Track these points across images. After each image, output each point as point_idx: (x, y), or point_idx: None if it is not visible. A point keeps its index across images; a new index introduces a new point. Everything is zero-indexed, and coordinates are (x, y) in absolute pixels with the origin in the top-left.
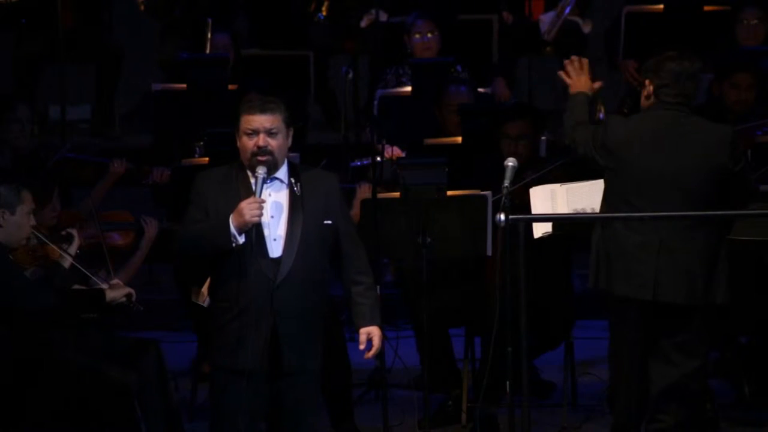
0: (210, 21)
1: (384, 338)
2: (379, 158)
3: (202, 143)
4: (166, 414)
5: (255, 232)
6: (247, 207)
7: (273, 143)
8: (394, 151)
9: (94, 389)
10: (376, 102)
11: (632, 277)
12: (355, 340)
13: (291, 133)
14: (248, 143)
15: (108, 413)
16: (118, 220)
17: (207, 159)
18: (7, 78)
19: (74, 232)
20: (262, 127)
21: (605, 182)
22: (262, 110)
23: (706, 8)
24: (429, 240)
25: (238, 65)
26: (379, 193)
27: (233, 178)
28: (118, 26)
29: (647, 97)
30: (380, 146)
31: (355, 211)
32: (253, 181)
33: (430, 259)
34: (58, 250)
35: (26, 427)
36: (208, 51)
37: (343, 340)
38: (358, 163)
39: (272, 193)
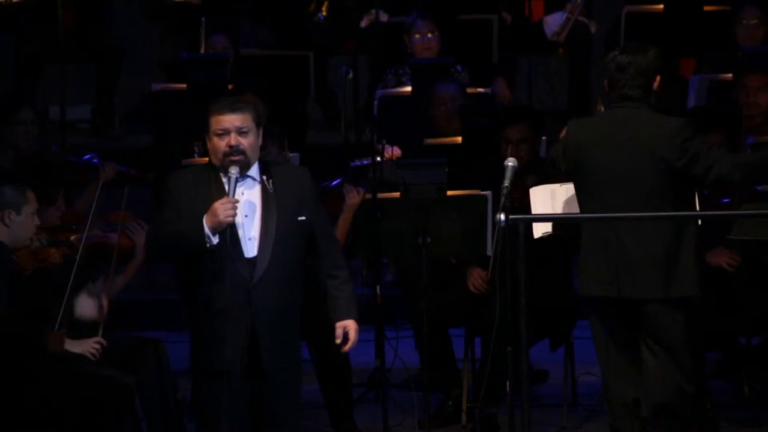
0: (204, 20)
1: (384, 338)
2: (379, 158)
3: (202, 143)
4: (166, 414)
5: (229, 232)
6: (220, 207)
7: (244, 142)
8: (394, 151)
9: (94, 389)
10: (376, 102)
11: (596, 276)
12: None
13: (261, 132)
14: (219, 143)
15: (108, 413)
16: (119, 222)
17: (207, 159)
18: (8, 78)
19: (77, 241)
20: (233, 126)
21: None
22: (232, 110)
23: (706, 8)
24: (429, 240)
25: (238, 65)
26: (379, 193)
27: (205, 178)
28: (118, 26)
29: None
30: (380, 146)
31: (346, 216)
32: (225, 180)
33: (430, 259)
34: (59, 253)
35: (26, 427)
36: (202, 51)
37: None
38: (358, 163)
39: (245, 192)
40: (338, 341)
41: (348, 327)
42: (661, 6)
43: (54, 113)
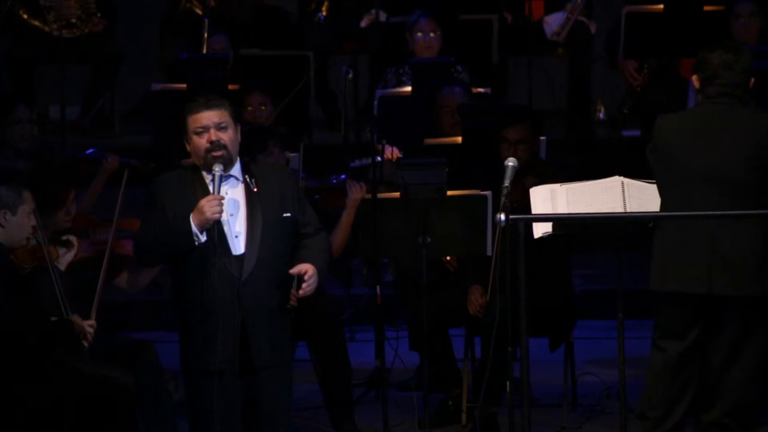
0: (207, 21)
1: (384, 338)
2: (379, 158)
3: None
4: (161, 415)
5: (216, 230)
6: (207, 204)
7: (224, 137)
8: (394, 151)
9: (94, 389)
10: (376, 102)
11: (681, 272)
12: (356, 339)
13: (239, 129)
14: (200, 141)
15: (108, 413)
16: (131, 229)
17: None
18: (6, 79)
19: (74, 240)
20: (211, 123)
21: (657, 183)
22: (208, 107)
23: (706, 8)
24: (429, 240)
25: (238, 65)
26: (379, 193)
27: (188, 179)
28: (118, 26)
29: (697, 92)
30: (380, 146)
31: (349, 211)
32: (209, 179)
33: (430, 259)
34: (56, 252)
35: (27, 427)
36: (204, 51)
37: (343, 340)
38: (358, 163)
39: (229, 191)
40: (292, 271)
41: (305, 268)
42: (661, 6)
43: (54, 113)
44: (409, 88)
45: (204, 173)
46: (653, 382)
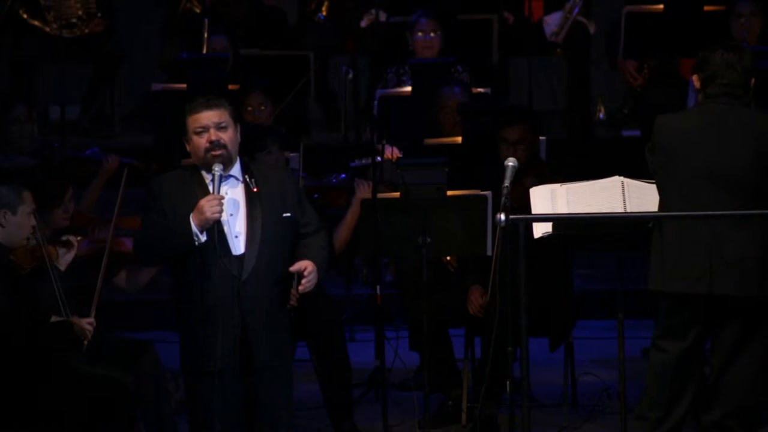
0: (207, 21)
1: (384, 338)
2: (379, 158)
3: None
4: (161, 415)
5: (216, 230)
6: (207, 204)
7: (224, 136)
8: (394, 151)
9: (94, 389)
10: (376, 102)
11: (681, 272)
12: (356, 339)
13: (239, 129)
14: (200, 141)
15: (108, 413)
16: (131, 227)
17: None
18: (6, 79)
19: (74, 240)
20: (211, 122)
21: (657, 183)
22: (208, 107)
23: (706, 8)
24: (429, 240)
25: (238, 65)
26: (379, 193)
27: (188, 179)
28: (118, 26)
29: (698, 92)
30: (380, 146)
31: (355, 208)
32: (209, 179)
33: (430, 259)
34: (56, 252)
35: (26, 426)
36: (204, 51)
37: (343, 340)
38: (358, 163)
39: (229, 191)
40: (292, 269)
41: (306, 264)
42: (661, 6)
43: (54, 113)
44: (409, 88)
45: (204, 173)
46: (653, 382)
